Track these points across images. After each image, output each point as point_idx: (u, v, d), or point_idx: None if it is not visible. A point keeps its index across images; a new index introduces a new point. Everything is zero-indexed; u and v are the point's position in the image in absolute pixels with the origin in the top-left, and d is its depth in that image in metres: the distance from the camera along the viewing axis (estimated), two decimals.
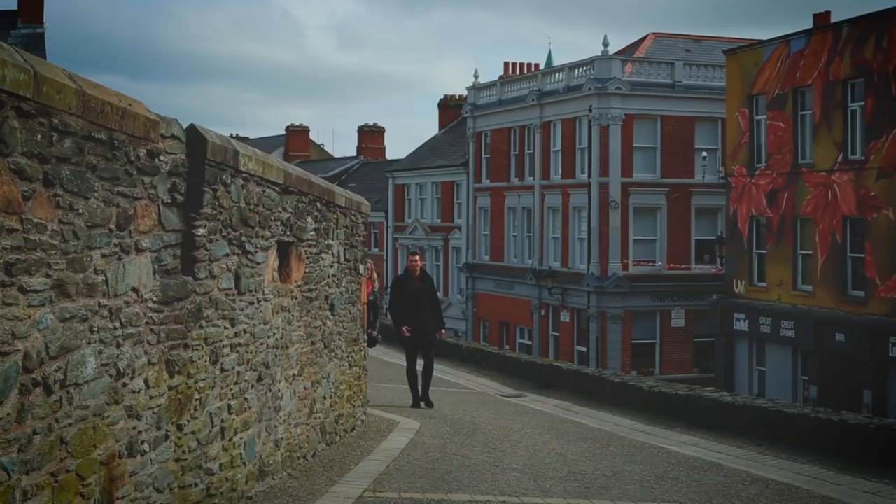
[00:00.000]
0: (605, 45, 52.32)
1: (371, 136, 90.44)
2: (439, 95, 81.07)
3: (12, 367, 5.21)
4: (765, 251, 43.04)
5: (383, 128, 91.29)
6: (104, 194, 6.25)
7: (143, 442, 7.03)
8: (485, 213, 62.31)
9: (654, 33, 58.22)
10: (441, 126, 76.56)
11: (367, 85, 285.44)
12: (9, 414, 5.19)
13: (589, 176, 51.72)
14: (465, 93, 68.67)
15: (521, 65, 68.17)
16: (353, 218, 14.69)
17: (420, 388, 19.24)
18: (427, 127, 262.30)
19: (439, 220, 68.04)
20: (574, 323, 53.56)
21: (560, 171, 54.79)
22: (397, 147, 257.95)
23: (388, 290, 21.14)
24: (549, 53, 79.48)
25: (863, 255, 37.80)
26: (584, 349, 51.87)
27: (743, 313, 43.58)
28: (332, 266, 13.18)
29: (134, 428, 6.88)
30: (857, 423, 15.32)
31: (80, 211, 5.93)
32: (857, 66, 38.01)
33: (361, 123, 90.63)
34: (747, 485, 12.40)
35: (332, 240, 13.18)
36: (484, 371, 30.44)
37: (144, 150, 6.87)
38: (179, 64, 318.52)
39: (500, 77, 64.69)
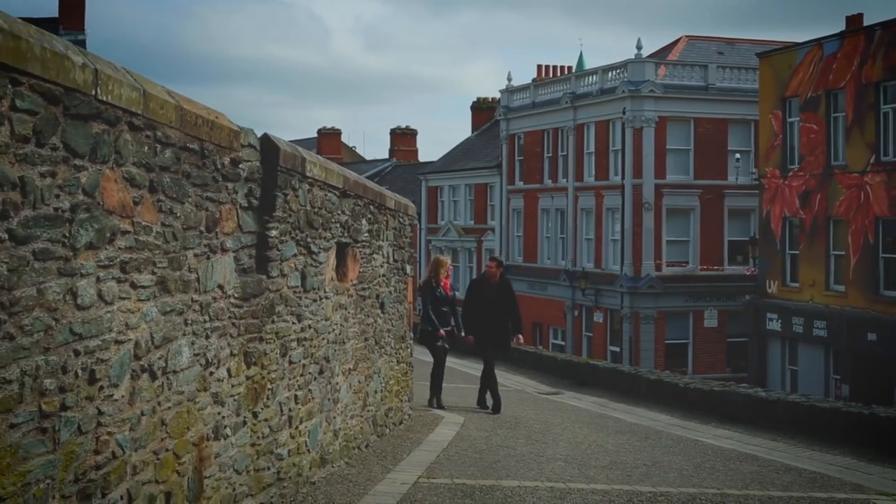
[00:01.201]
0: (639, 48, 52.82)
1: (403, 138, 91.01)
2: (468, 96, 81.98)
3: (126, 354, 5.85)
4: (797, 252, 43.41)
5: (416, 130, 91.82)
6: (196, 199, 6.89)
7: (225, 426, 7.66)
8: (518, 215, 62.84)
9: (686, 36, 58.66)
10: (474, 128, 77.17)
11: (396, 87, 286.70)
12: (123, 396, 5.83)
13: (622, 178, 52.21)
14: (495, 94, 69.38)
15: (554, 67, 68.63)
16: (401, 220, 15.32)
17: (479, 390, 19.11)
18: (457, 128, 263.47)
19: (472, 222, 68.60)
20: (607, 323, 54.03)
21: (593, 173, 55.31)
22: (427, 148, 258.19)
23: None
24: (581, 55, 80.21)
25: (895, 256, 38.16)
26: (617, 349, 52.34)
27: (775, 313, 43.96)
28: (382, 266, 13.81)
29: (219, 413, 7.51)
30: (888, 416, 15.81)
31: (178, 214, 6.56)
32: (889, 68, 38.37)
33: (391, 125, 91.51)
34: (781, 473, 12.95)
35: (383, 241, 13.81)
36: (521, 370, 30.96)
37: (228, 159, 7.51)
38: (203, 66, 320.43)
39: (534, 79, 65.25)
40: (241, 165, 7.81)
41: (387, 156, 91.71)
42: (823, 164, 41.74)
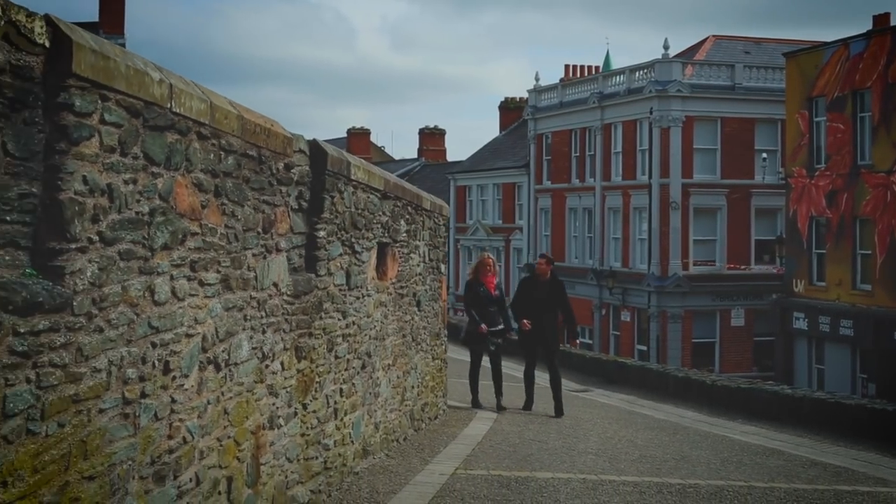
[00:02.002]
0: (666, 48, 53.10)
1: (432, 138, 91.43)
2: (494, 96, 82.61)
3: (195, 347, 6.30)
4: (824, 251, 43.65)
5: (444, 130, 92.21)
6: (254, 202, 7.33)
7: (279, 417, 8.11)
8: (546, 214, 63.22)
9: (713, 35, 58.90)
10: (502, 128, 77.61)
11: (422, 86, 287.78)
12: (192, 385, 6.28)
13: (649, 177, 52.49)
14: (521, 93, 69.79)
15: (581, 67, 68.96)
16: (436, 220, 15.75)
17: (553, 399, 18.00)
18: (483, 127, 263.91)
19: (500, 222, 69.02)
20: (634, 322, 54.35)
21: (621, 173, 55.62)
22: (454, 147, 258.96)
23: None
24: (608, 54, 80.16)
25: None
26: (644, 348, 52.63)
27: (802, 312, 44.20)
28: (419, 265, 14.25)
29: (273, 404, 7.95)
30: None
31: (239, 217, 7.01)
32: None
33: (418, 124, 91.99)
34: (807, 468, 13.33)
35: (419, 241, 14.25)
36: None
37: (282, 164, 7.95)
38: (230, 66, 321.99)
39: (561, 79, 65.63)
40: (293, 170, 8.25)
41: (415, 155, 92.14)
42: (850, 164, 41.97)
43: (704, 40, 58.59)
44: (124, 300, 5.32)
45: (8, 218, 4.39)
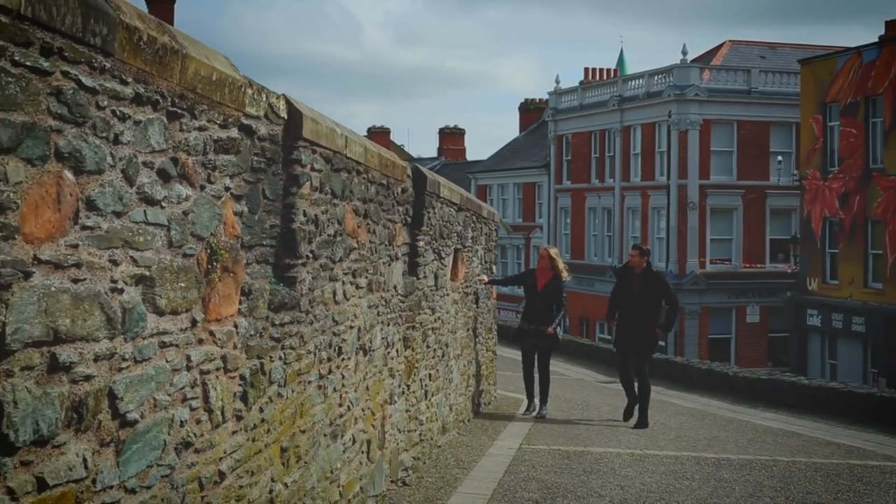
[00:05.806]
0: (684, 53, 54.75)
1: (451, 137, 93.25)
2: (505, 92, 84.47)
3: (354, 336, 8.13)
4: (837, 251, 45.23)
5: (464, 129, 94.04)
6: (383, 221, 9.16)
7: (394, 395, 9.94)
8: (565, 213, 64.94)
9: (730, 41, 60.46)
10: (522, 129, 79.36)
11: (430, 81, 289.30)
12: (352, 366, 8.11)
13: (668, 178, 54.16)
14: (533, 90, 72.03)
15: (600, 70, 70.62)
16: (490, 226, 17.59)
17: (637, 406, 16.42)
18: (498, 124, 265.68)
19: (521, 220, 70.70)
20: None
21: (640, 174, 57.30)
22: (467, 143, 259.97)
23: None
24: (622, 52, 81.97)
25: None
26: (661, 344, 54.23)
27: (816, 309, 45.80)
28: (477, 266, 16.08)
29: (391, 384, 9.79)
30: None
31: (376, 233, 8.83)
32: None
33: (430, 120, 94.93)
34: (823, 446, 15.15)
35: (478, 245, 16.09)
36: (577, 360, 33.23)
37: (400, 188, 9.79)
38: (238, 62, 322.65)
39: (581, 82, 67.28)
40: (405, 193, 10.09)
41: (434, 154, 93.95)
42: (862, 167, 43.56)
43: (721, 45, 60.18)
44: (322, 301, 7.15)
45: (264, 242, 6.18)
